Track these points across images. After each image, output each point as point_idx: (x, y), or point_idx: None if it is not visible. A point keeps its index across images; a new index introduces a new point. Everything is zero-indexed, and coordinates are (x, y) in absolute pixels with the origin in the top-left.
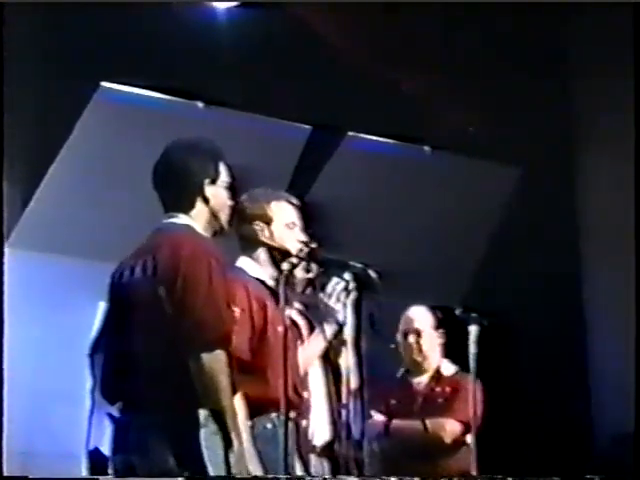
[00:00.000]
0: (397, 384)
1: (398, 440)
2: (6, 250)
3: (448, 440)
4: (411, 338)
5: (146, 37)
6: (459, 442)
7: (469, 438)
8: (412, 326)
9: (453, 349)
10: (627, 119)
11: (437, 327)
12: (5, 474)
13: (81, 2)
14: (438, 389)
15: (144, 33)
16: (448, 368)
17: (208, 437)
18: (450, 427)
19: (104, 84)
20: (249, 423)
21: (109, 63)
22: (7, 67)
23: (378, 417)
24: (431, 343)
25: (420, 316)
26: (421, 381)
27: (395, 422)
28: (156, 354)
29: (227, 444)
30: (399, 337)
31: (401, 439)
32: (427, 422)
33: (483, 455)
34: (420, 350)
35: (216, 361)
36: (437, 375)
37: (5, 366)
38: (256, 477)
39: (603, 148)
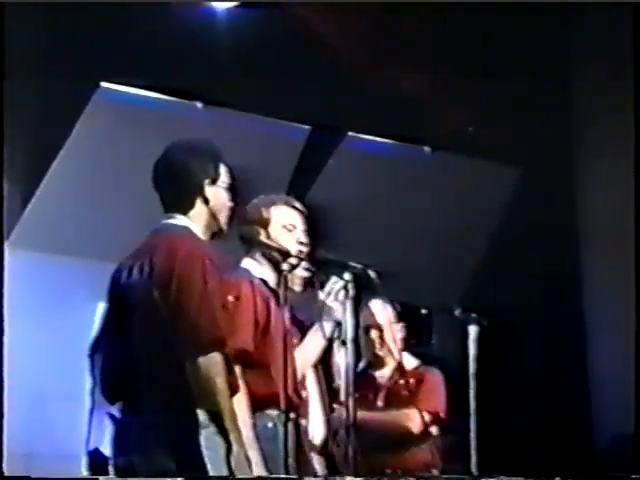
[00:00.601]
0: (359, 378)
1: (364, 432)
2: (6, 250)
3: (415, 430)
4: (373, 333)
5: (145, 37)
6: (425, 433)
7: (434, 430)
8: (374, 321)
9: (453, 348)
10: (627, 119)
11: (397, 321)
12: (6, 474)
13: (81, 2)
14: (402, 382)
15: (143, 33)
16: (410, 362)
17: (209, 438)
18: (416, 417)
19: (104, 84)
20: (251, 420)
21: (109, 63)
22: (7, 67)
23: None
24: (393, 337)
25: (381, 310)
26: (383, 374)
27: (360, 413)
28: (154, 355)
29: (228, 446)
30: (360, 332)
31: (367, 431)
32: (395, 412)
33: (482, 455)
34: (382, 344)
35: (212, 364)
36: (400, 368)
37: (5, 366)
38: (256, 477)
39: (603, 148)
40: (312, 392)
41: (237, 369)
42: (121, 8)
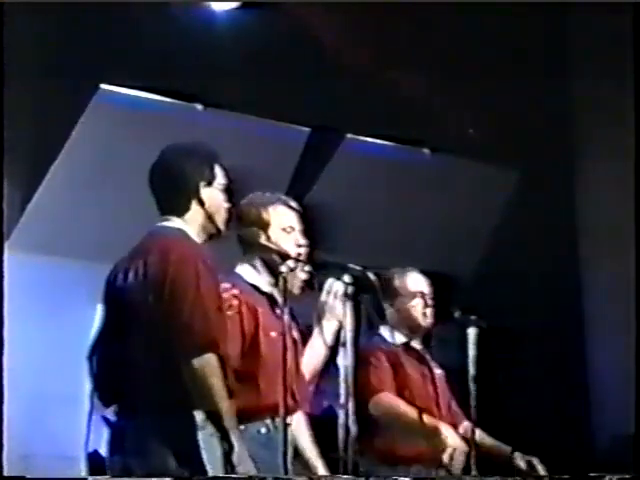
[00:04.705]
0: (407, 351)
1: None
2: (5, 252)
3: None
4: (414, 301)
5: (145, 39)
6: None
7: None
8: (421, 289)
9: (452, 351)
10: (627, 119)
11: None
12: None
13: (81, 2)
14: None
15: (143, 35)
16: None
17: (206, 439)
18: None
19: (103, 86)
20: (241, 427)
21: (109, 64)
22: (7, 67)
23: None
24: (426, 306)
25: (422, 281)
26: (418, 343)
27: None
28: (150, 357)
29: (228, 445)
30: (402, 301)
31: None
32: None
33: (483, 455)
34: (425, 314)
35: (207, 365)
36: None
37: (5, 369)
38: (248, 477)
39: (603, 148)
40: None
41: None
42: (121, 9)
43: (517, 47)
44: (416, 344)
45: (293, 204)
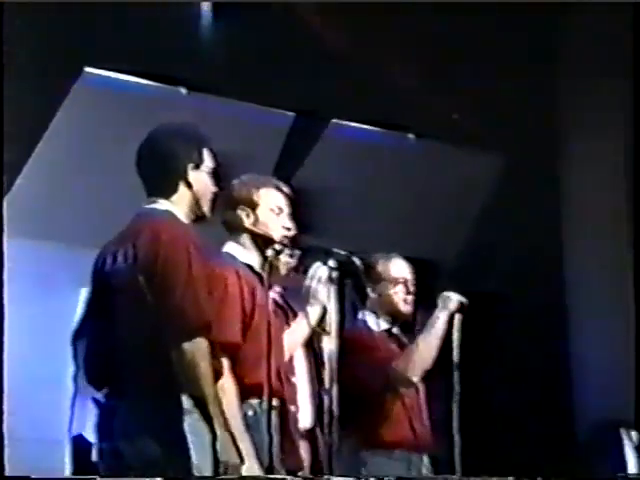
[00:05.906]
0: (390, 339)
1: None
2: None
3: None
4: (395, 288)
5: (130, 22)
6: None
7: None
8: (403, 276)
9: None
10: (613, 103)
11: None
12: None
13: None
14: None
15: (129, 18)
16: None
17: (193, 424)
18: None
19: (87, 69)
20: (241, 413)
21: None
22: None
23: None
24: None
25: (405, 267)
26: (400, 334)
27: None
28: (139, 341)
29: (212, 432)
30: (384, 287)
31: None
32: None
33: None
34: (405, 301)
35: (197, 349)
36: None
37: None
38: (242, 477)
39: (588, 133)
40: (301, 378)
41: (225, 361)
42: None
43: (502, 35)
44: (398, 331)
45: (284, 187)
